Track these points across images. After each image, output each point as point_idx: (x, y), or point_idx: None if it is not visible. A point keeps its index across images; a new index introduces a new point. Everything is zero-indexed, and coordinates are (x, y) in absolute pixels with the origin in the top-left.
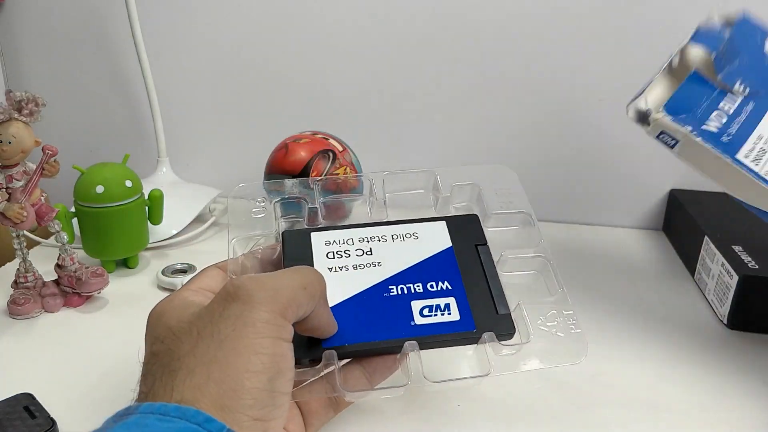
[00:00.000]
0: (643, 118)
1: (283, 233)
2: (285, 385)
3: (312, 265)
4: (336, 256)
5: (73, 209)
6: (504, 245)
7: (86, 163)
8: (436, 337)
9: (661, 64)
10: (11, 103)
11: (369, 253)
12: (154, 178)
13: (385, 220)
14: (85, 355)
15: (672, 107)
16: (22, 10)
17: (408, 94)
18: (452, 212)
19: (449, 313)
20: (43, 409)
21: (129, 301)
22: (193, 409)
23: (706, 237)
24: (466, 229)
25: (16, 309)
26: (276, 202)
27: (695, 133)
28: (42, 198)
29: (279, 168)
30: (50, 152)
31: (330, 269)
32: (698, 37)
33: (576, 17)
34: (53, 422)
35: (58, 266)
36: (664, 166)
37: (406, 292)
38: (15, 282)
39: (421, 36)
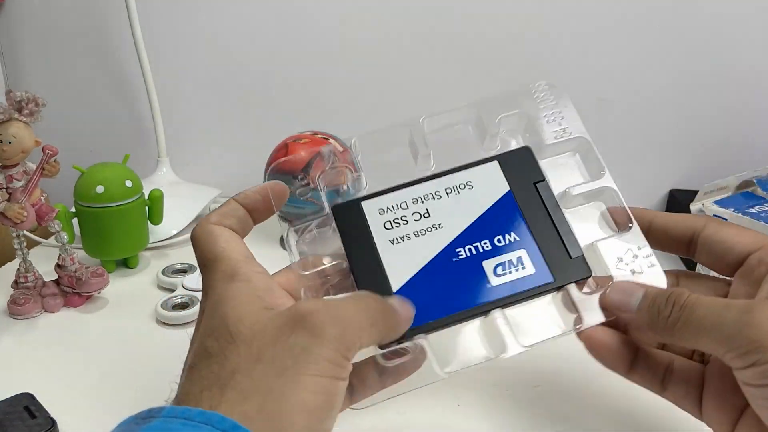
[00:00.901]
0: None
1: (332, 209)
2: (331, 423)
3: (371, 239)
4: (394, 225)
5: (73, 209)
6: (564, 179)
7: (86, 163)
8: (516, 295)
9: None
10: (11, 103)
11: (427, 215)
12: (154, 178)
13: (433, 173)
14: (85, 355)
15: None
16: (22, 10)
17: (408, 94)
18: (501, 148)
19: (523, 267)
20: (43, 409)
21: (129, 301)
22: (219, 414)
23: None
24: (521, 166)
25: (16, 309)
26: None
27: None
28: (42, 198)
29: (279, 168)
30: (50, 152)
31: (392, 242)
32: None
33: (576, 17)
34: (53, 422)
35: (58, 266)
36: (664, 166)
37: (474, 252)
38: (15, 282)
39: (422, 36)
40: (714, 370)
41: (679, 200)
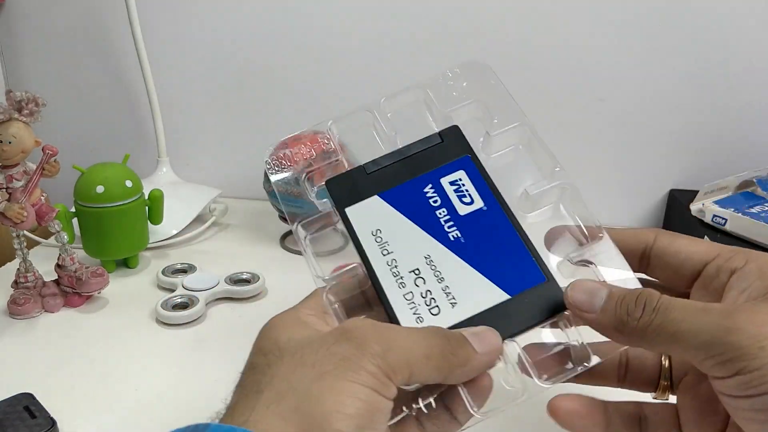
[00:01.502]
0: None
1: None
2: None
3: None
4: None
5: (73, 209)
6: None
7: (86, 163)
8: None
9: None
10: (11, 103)
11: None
12: (154, 178)
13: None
14: (85, 355)
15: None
16: (22, 10)
17: None
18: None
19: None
20: (43, 409)
21: (129, 301)
22: None
23: (705, 237)
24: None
25: (16, 309)
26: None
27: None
28: (42, 198)
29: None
30: (50, 152)
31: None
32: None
33: (576, 17)
34: (53, 422)
35: (58, 266)
36: (664, 166)
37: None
38: (15, 282)
39: (422, 36)
40: (685, 396)
41: (679, 200)
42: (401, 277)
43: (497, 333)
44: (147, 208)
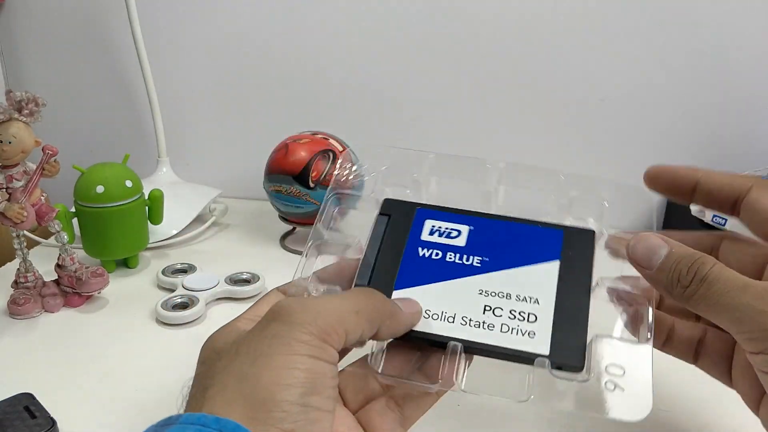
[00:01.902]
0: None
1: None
2: (322, 402)
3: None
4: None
5: (73, 209)
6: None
7: (86, 163)
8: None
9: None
10: (11, 103)
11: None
12: (154, 178)
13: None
14: (85, 355)
15: None
16: (22, 10)
17: (408, 94)
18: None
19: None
20: (43, 409)
21: (129, 301)
22: (233, 422)
23: None
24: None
25: (16, 309)
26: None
27: None
28: (42, 198)
29: (279, 168)
30: (50, 152)
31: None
32: None
33: (575, 17)
34: (53, 422)
35: (58, 266)
36: None
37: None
38: (15, 282)
39: (421, 36)
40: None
41: (677, 202)
42: (491, 324)
43: (417, 302)
44: (147, 208)
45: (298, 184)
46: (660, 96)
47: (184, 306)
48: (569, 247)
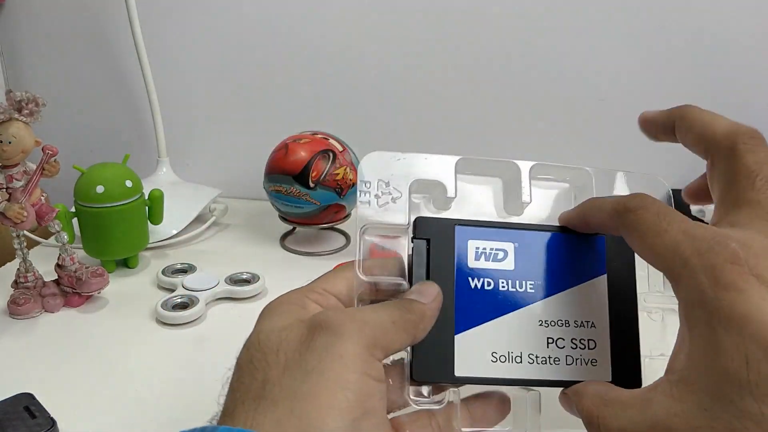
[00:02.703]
0: None
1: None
2: (372, 427)
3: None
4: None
5: (73, 209)
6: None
7: (86, 163)
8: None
9: None
10: (11, 103)
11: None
12: (154, 178)
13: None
14: (85, 355)
15: None
16: (22, 10)
17: (408, 94)
18: None
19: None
20: (43, 409)
21: (129, 301)
22: None
23: None
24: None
25: (16, 309)
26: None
27: None
28: (42, 198)
29: (279, 168)
30: (50, 152)
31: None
32: None
33: (576, 18)
34: (53, 422)
35: (58, 266)
36: (664, 166)
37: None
38: (15, 282)
39: (422, 36)
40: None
41: (679, 200)
42: (556, 359)
43: (433, 283)
44: (147, 208)
45: (298, 184)
46: (660, 96)
47: (184, 306)
48: (612, 256)
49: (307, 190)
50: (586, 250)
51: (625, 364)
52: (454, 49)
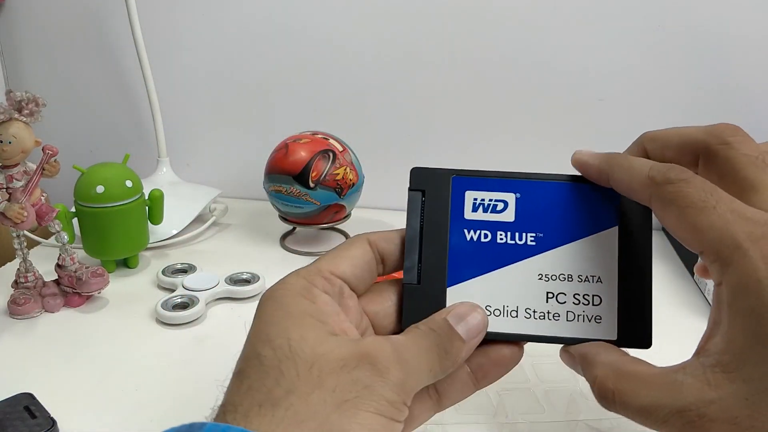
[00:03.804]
0: None
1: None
2: None
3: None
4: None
5: (73, 209)
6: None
7: (86, 163)
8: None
9: None
10: (11, 103)
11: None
12: (154, 178)
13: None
14: (85, 355)
15: None
16: (22, 10)
17: (408, 93)
18: None
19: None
20: (43, 409)
21: (129, 301)
22: None
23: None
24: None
25: (16, 309)
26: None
27: None
28: (42, 198)
29: (279, 168)
30: (50, 152)
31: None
32: None
33: (576, 18)
34: (53, 422)
35: (58, 266)
36: None
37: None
38: (15, 282)
39: (422, 36)
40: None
41: None
42: (556, 314)
43: (480, 309)
44: (147, 208)
45: (298, 184)
46: (660, 96)
47: (184, 306)
48: (626, 208)
49: (307, 190)
50: (595, 201)
51: (634, 323)
52: (454, 49)
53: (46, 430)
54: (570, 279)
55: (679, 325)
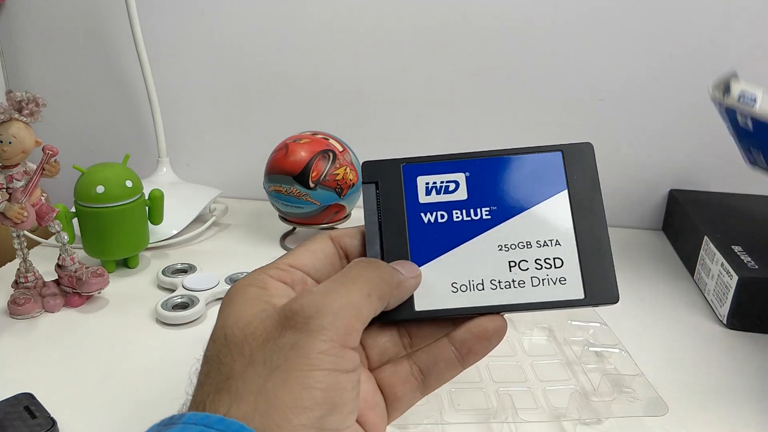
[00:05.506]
0: (726, 87)
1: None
2: (340, 421)
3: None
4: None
5: (73, 209)
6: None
7: (86, 163)
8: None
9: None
10: (12, 103)
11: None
12: (154, 178)
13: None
14: (85, 355)
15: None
16: (22, 10)
17: (408, 94)
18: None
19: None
20: (43, 409)
21: (129, 301)
22: (237, 423)
23: (705, 237)
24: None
25: (16, 309)
26: None
27: None
28: (42, 198)
29: (279, 168)
30: (51, 152)
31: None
32: None
33: (576, 18)
34: (53, 422)
35: (58, 266)
36: (664, 166)
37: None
38: (15, 282)
39: (421, 36)
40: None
41: (679, 200)
42: (521, 281)
43: (414, 264)
44: (147, 208)
45: (298, 184)
46: (659, 96)
47: (184, 306)
48: (572, 169)
49: (307, 190)
50: (542, 169)
51: (598, 279)
52: (453, 49)
53: (46, 430)
54: (529, 246)
55: (679, 325)
